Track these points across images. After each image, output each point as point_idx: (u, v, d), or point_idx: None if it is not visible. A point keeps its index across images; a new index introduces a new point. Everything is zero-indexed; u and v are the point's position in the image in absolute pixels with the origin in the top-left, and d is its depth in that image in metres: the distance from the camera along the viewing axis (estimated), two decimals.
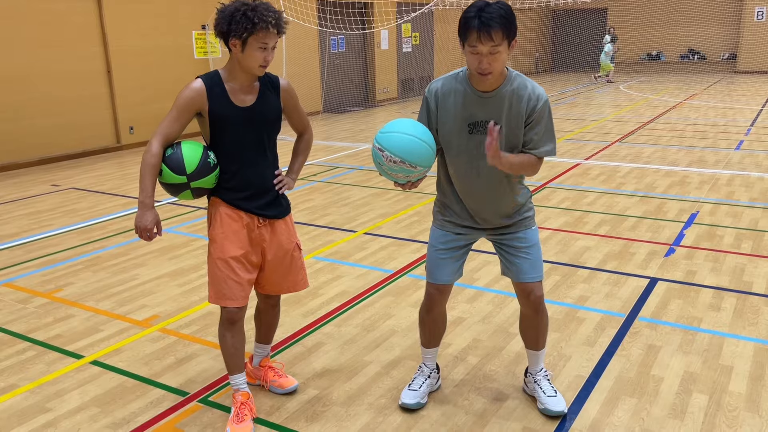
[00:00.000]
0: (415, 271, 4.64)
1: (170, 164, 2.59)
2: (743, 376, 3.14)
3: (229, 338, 2.79)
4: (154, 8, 10.48)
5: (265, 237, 2.77)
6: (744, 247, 4.95)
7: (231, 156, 2.67)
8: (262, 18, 2.48)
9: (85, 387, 3.20)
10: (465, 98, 2.57)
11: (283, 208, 2.82)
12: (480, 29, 2.35)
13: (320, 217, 6.08)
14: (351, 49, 15.13)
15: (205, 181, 2.64)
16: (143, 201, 2.57)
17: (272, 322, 3.08)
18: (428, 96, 2.65)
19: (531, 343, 2.91)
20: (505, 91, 2.54)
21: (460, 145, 2.62)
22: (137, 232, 2.61)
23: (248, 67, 2.59)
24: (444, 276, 2.83)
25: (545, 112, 2.57)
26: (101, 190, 7.53)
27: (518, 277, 2.77)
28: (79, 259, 5.11)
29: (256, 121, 2.67)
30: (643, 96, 15.75)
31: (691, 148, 9.03)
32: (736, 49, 21.39)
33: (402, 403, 2.93)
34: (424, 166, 2.46)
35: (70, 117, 9.57)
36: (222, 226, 2.70)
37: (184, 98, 2.59)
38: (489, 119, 2.54)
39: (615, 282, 4.33)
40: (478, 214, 2.75)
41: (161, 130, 2.60)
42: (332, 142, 10.33)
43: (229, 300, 2.71)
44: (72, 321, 3.96)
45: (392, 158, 2.42)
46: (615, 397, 2.99)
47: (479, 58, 2.41)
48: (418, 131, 2.46)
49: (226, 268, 2.69)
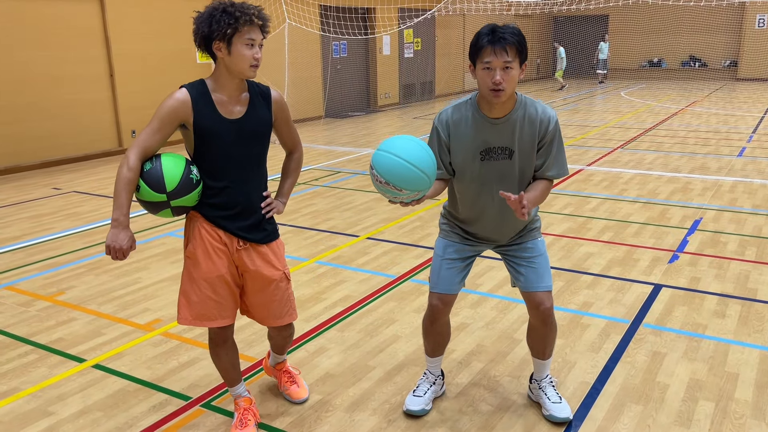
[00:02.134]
0: (418, 276, 4.62)
1: (149, 180, 2.36)
2: (749, 384, 3.12)
3: (222, 356, 2.70)
4: (157, 12, 10.50)
5: (245, 261, 2.56)
6: (748, 254, 4.94)
7: (216, 171, 2.47)
8: (243, 11, 2.34)
9: (88, 391, 3.18)
10: (476, 125, 2.55)
11: (267, 233, 2.61)
12: (494, 44, 2.38)
13: (322, 221, 6.08)
14: (353, 54, 15.16)
15: (187, 199, 2.44)
16: (117, 219, 2.32)
17: (283, 345, 2.95)
18: (439, 126, 2.61)
19: (538, 352, 2.89)
20: (516, 116, 2.54)
21: (473, 173, 2.61)
22: (108, 251, 2.35)
23: (239, 69, 2.39)
24: (448, 286, 2.79)
25: (556, 133, 2.58)
26: (103, 193, 7.53)
27: (527, 287, 2.74)
28: (82, 263, 5.09)
29: (244, 134, 2.48)
30: (645, 102, 15.76)
31: (694, 154, 9.03)
32: (738, 57, 21.42)
33: (406, 409, 2.91)
34: (412, 189, 2.34)
35: (72, 120, 9.57)
36: (203, 243, 2.52)
37: (167, 108, 2.37)
38: (501, 145, 2.55)
39: (619, 288, 4.32)
40: (488, 236, 2.76)
41: (139, 142, 2.37)
42: (334, 147, 10.33)
43: (212, 321, 2.58)
44: (74, 324, 3.95)
45: (379, 178, 2.33)
46: (620, 404, 2.97)
47: (492, 73, 2.40)
48: (412, 155, 2.31)
49: (208, 289, 2.53)
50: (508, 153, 2.56)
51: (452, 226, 2.82)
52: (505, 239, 2.77)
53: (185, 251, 2.59)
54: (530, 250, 2.75)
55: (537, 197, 2.57)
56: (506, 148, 2.56)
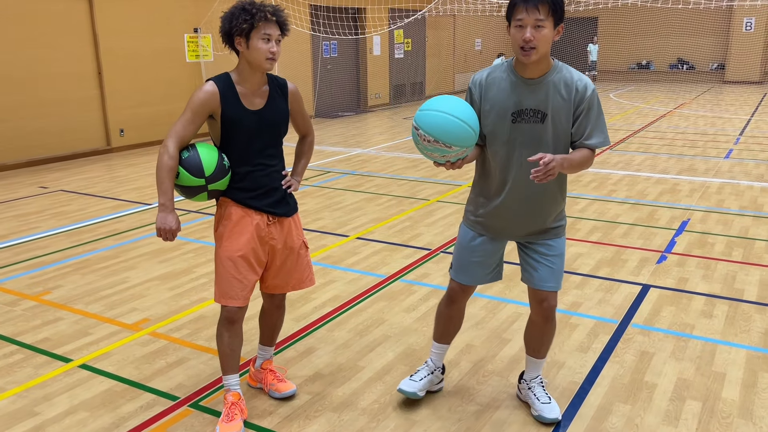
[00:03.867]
0: (407, 276, 4.62)
1: (188, 167, 2.60)
2: (736, 383, 3.14)
3: (226, 338, 2.78)
4: (146, 10, 10.43)
5: (274, 235, 2.79)
6: (735, 254, 4.97)
7: (242, 157, 2.70)
8: (259, 9, 2.56)
9: (74, 391, 3.15)
10: (510, 85, 2.52)
11: (290, 207, 2.86)
12: (526, 1, 2.36)
13: (312, 221, 6.06)
14: (343, 54, 15.14)
15: (221, 183, 2.68)
16: (164, 203, 2.57)
17: (276, 324, 3.07)
18: (472, 87, 2.61)
19: (534, 350, 2.89)
20: (551, 79, 2.49)
21: (504, 135, 2.55)
22: (160, 234, 2.60)
23: (257, 62, 2.60)
24: (468, 278, 2.81)
25: (594, 101, 2.51)
26: (91, 192, 7.47)
27: (536, 284, 2.72)
28: (68, 262, 5.05)
29: (265, 123, 2.70)
30: (633, 104, 15.85)
31: (682, 156, 9.09)
32: (725, 60, 21.61)
33: (399, 388, 2.95)
34: (461, 146, 2.35)
35: (60, 119, 9.50)
36: (231, 225, 2.71)
37: (199, 100, 2.60)
38: (535, 107, 2.49)
39: (608, 288, 4.33)
40: (510, 222, 2.67)
41: (176, 132, 2.61)
42: (324, 147, 10.31)
43: (231, 299, 2.72)
44: (60, 324, 3.91)
45: (426, 137, 2.34)
46: (609, 404, 2.98)
47: (523, 30, 2.37)
48: (457, 110, 2.35)
49: (231, 267, 2.70)
50: (541, 116, 2.50)
51: (476, 213, 2.75)
52: (526, 230, 2.68)
53: (215, 234, 2.79)
54: (550, 248, 2.70)
55: (576, 159, 2.48)
56: (539, 111, 2.50)
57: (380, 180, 7.87)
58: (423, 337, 3.66)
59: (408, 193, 7.16)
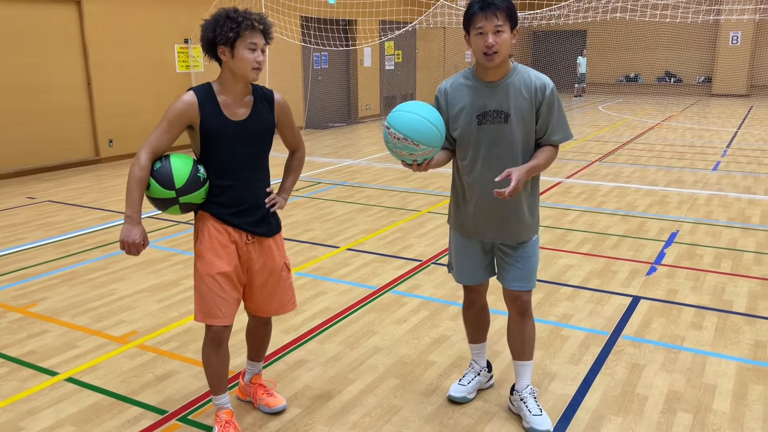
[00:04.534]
0: (398, 287, 4.60)
1: (159, 178, 2.51)
2: (726, 395, 3.14)
3: (214, 360, 2.71)
4: (136, 21, 10.42)
5: (253, 255, 2.69)
6: (724, 266, 5.00)
7: (222, 171, 2.60)
8: (246, 17, 2.49)
9: (60, 405, 3.10)
10: (473, 90, 2.67)
11: (272, 227, 2.75)
12: (485, 10, 2.51)
13: (302, 232, 6.04)
14: (334, 65, 15.18)
15: (194, 196, 2.57)
16: (130, 215, 2.49)
17: (263, 340, 3.01)
18: (438, 95, 2.75)
19: (517, 352, 2.91)
20: (511, 81, 2.63)
21: (471, 137, 2.68)
22: (123, 246, 2.52)
23: (242, 72, 2.52)
24: (464, 278, 2.95)
25: (554, 99, 2.64)
26: (79, 203, 7.41)
27: (507, 284, 2.84)
28: (55, 273, 4.99)
29: (248, 135, 2.61)
30: (622, 117, 15.98)
31: (670, 168, 9.16)
32: (712, 73, 21.84)
33: (449, 395, 3.08)
34: (428, 145, 2.46)
35: (48, 129, 9.43)
36: (210, 240, 2.62)
37: (175, 110, 2.53)
38: (498, 108, 2.63)
39: (598, 300, 4.34)
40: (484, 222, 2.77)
41: (150, 143, 2.53)
42: (315, 158, 10.30)
43: (215, 318, 2.63)
44: (47, 337, 3.86)
45: (396, 135, 2.45)
46: (600, 416, 2.97)
47: (485, 37, 2.51)
48: (425, 111, 2.47)
49: (213, 285, 2.61)
50: (504, 116, 2.62)
51: (456, 215, 2.89)
52: (499, 230, 2.77)
53: (195, 249, 2.69)
54: (522, 250, 2.79)
55: (540, 163, 2.63)
56: (502, 112, 2.62)
57: (371, 191, 7.87)
58: (414, 349, 3.64)
59: (399, 204, 7.15)
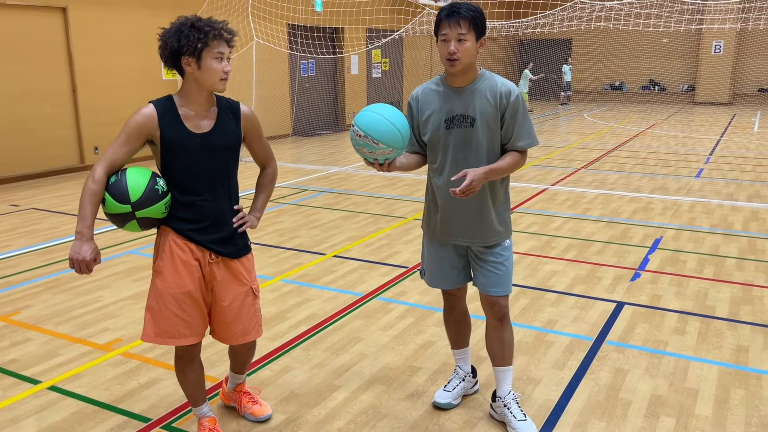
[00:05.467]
0: (384, 294, 4.61)
1: (113, 192, 2.39)
2: (708, 399, 3.17)
3: (189, 374, 2.67)
4: (122, 28, 10.39)
5: (216, 275, 2.56)
6: (706, 272, 5.05)
7: (184, 185, 2.49)
8: (212, 26, 2.39)
9: (43, 413, 3.07)
10: (441, 95, 2.75)
11: (239, 248, 2.61)
12: (449, 17, 2.59)
13: (289, 239, 6.03)
14: (321, 73, 15.20)
15: (153, 210, 2.43)
16: (81, 231, 2.33)
17: (245, 360, 2.91)
18: (411, 101, 2.84)
19: (497, 357, 2.92)
20: (477, 87, 2.71)
21: (440, 140, 2.75)
22: (72, 264, 2.35)
23: (209, 83, 2.43)
24: (435, 282, 2.98)
25: (519, 105, 2.69)
26: (63, 210, 7.35)
27: (483, 289, 2.87)
28: (39, 281, 4.95)
29: (212, 148, 2.49)
30: (607, 124, 16.13)
31: (654, 175, 9.25)
32: (695, 81, 22.12)
33: (434, 401, 3.09)
34: (387, 144, 2.51)
35: (33, 136, 9.36)
36: (171, 257, 2.50)
37: (133, 123, 2.41)
38: (464, 113, 2.70)
39: (583, 306, 4.37)
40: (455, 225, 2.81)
41: (106, 156, 2.41)
42: (302, 165, 10.30)
43: (174, 339, 2.52)
44: (29, 345, 3.82)
45: (358, 132, 2.52)
46: (584, 421, 2.99)
47: (448, 44, 2.60)
48: (389, 113, 2.53)
49: (173, 305, 2.49)
50: (470, 121, 2.70)
51: (428, 223, 2.92)
52: (470, 233, 2.81)
53: (153, 266, 2.57)
54: (496, 255, 2.82)
55: (503, 166, 2.68)
56: (467, 116, 2.70)
57: (357, 198, 7.88)
58: (400, 356, 3.65)
59: (385, 211, 7.17)
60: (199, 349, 2.67)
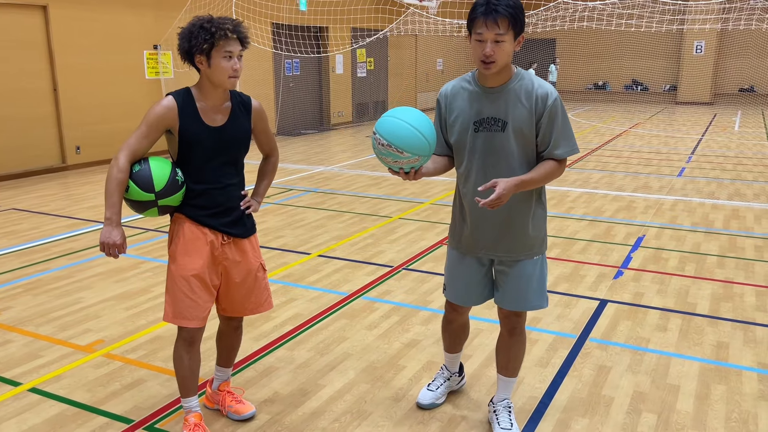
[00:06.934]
0: (369, 293, 4.61)
1: (138, 181, 2.53)
2: (689, 395, 3.21)
3: (186, 360, 2.72)
4: (104, 26, 10.28)
5: (228, 255, 2.72)
6: (688, 269, 5.11)
7: (198, 174, 2.63)
8: (219, 27, 2.50)
9: (23, 416, 3.03)
10: (472, 96, 2.56)
11: (247, 228, 2.78)
12: (486, 15, 2.36)
13: (273, 239, 6.01)
14: (306, 72, 15.16)
15: (173, 199, 2.60)
16: (110, 217, 2.49)
17: (234, 345, 3.00)
18: (440, 99, 2.68)
19: (502, 367, 2.88)
20: (511, 88, 2.50)
21: (467, 144, 2.58)
22: (103, 248, 2.52)
23: (219, 80, 2.55)
24: (457, 298, 2.85)
25: (557, 110, 2.49)
26: (44, 211, 7.27)
27: (498, 301, 2.77)
28: (19, 282, 4.89)
29: (225, 141, 2.64)
30: (591, 123, 16.25)
31: (637, 174, 9.34)
32: (677, 81, 22.35)
33: (417, 402, 3.06)
34: (412, 153, 2.37)
35: (13, 135, 9.24)
36: (185, 242, 2.64)
37: (155, 115, 2.54)
38: (495, 116, 2.51)
39: (566, 303, 4.40)
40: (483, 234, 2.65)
41: (129, 146, 2.54)
42: (286, 165, 10.27)
43: (186, 320, 2.64)
44: (9, 347, 3.77)
45: (381, 141, 2.39)
46: (568, 418, 3.01)
47: (483, 45, 2.39)
48: (413, 118, 2.38)
49: (185, 287, 2.62)
50: (501, 124, 2.51)
51: (454, 233, 2.79)
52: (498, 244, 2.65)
53: (168, 251, 2.71)
54: (517, 269, 2.67)
55: (536, 177, 2.50)
56: (498, 119, 2.51)
57: (343, 197, 7.87)
58: (384, 355, 3.65)
59: (370, 210, 7.17)
60: (200, 337, 2.74)
